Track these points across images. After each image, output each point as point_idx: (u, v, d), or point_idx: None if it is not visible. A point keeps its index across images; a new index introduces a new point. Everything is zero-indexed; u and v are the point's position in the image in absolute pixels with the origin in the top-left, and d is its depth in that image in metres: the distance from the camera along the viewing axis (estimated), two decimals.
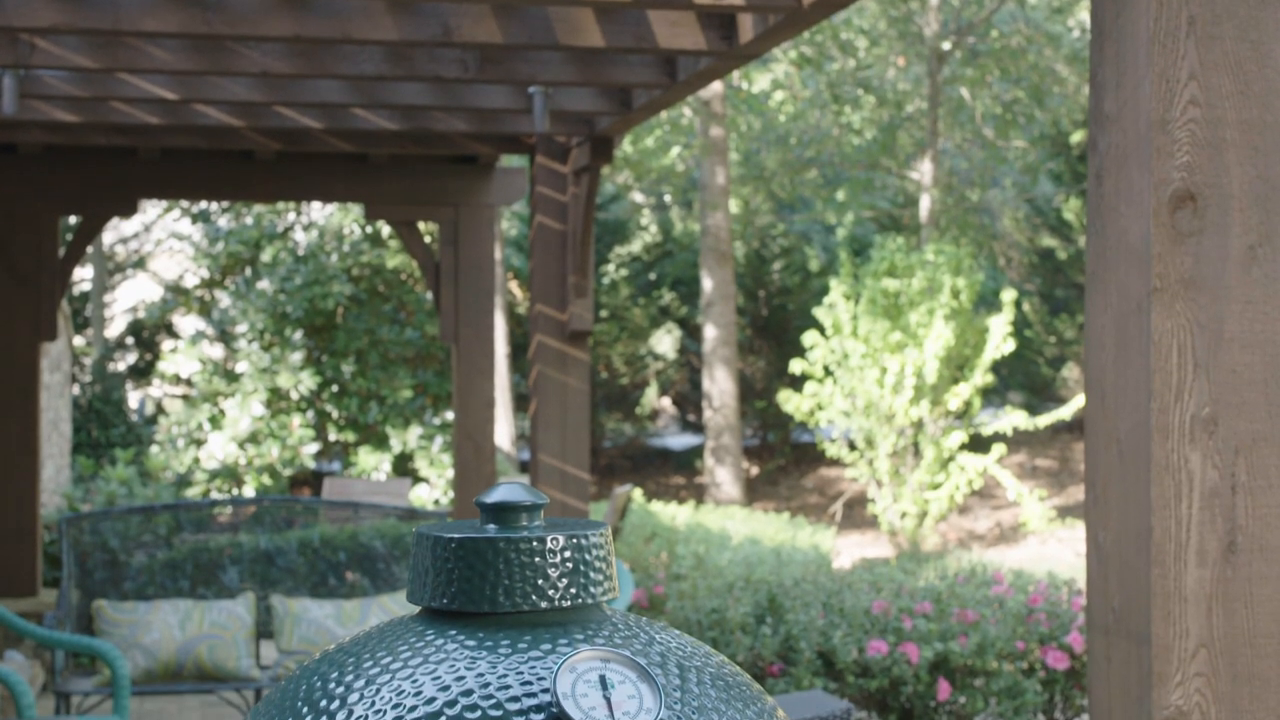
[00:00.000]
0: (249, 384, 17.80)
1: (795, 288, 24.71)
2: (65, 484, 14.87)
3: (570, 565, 1.43)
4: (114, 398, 19.09)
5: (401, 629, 1.44)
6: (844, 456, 17.20)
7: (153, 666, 7.39)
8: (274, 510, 8.94)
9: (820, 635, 7.60)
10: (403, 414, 18.32)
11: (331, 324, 18.89)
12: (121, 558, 8.21)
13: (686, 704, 1.36)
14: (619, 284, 24.43)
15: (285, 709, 1.38)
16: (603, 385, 24.64)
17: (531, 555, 1.42)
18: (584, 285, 8.49)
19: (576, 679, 1.31)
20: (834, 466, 22.87)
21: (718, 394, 20.97)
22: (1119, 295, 2.83)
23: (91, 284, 24.33)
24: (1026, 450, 23.10)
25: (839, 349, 16.54)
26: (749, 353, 24.75)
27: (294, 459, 17.48)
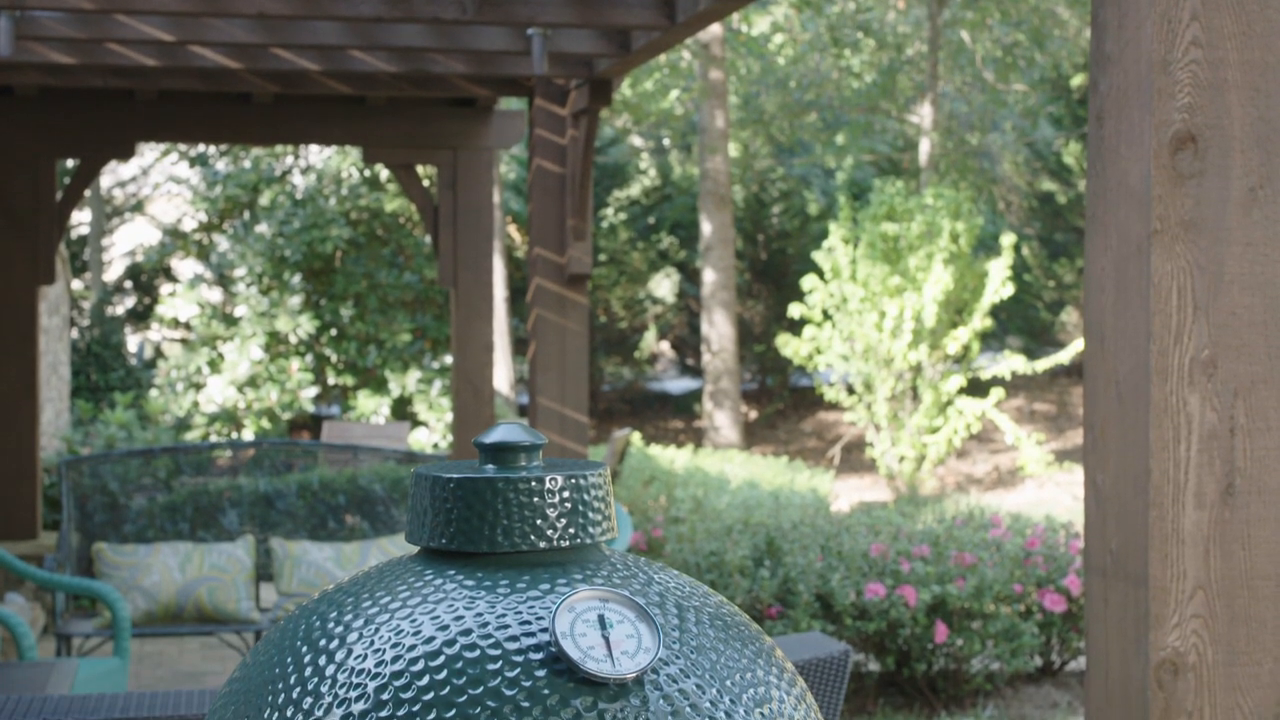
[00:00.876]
0: (247, 328, 17.79)
1: (794, 231, 24.66)
2: (65, 427, 14.88)
3: (569, 505, 1.43)
4: (113, 341, 19.08)
5: (400, 569, 1.44)
6: (842, 400, 17.21)
7: (153, 609, 7.41)
8: (273, 453, 8.95)
9: (818, 578, 7.62)
10: (401, 358, 18.32)
11: (330, 268, 18.86)
12: (121, 501, 8.23)
13: (685, 643, 1.36)
14: (618, 228, 24.39)
15: (285, 648, 1.38)
16: (601, 329, 24.63)
17: (530, 495, 1.42)
18: (583, 228, 8.48)
19: (575, 619, 1.31)
20: (832, 410, 22.89)
21: (716, 338, 20.97)
22: (1119, 238, 2.82)
23: (89, 228, 24.28)
24: (1025, 394, 23.12)
25: (838, 293, 16.53)
26: (748, 297, 24.73)
27: (293, 403, 17.49)
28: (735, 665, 1.38)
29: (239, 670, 1.45)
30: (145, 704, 2.71)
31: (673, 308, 25.72)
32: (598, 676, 1.28)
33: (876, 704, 7.97)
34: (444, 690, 1.27)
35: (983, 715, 7.86)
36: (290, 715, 1.30)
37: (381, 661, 1.30)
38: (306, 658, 1.34)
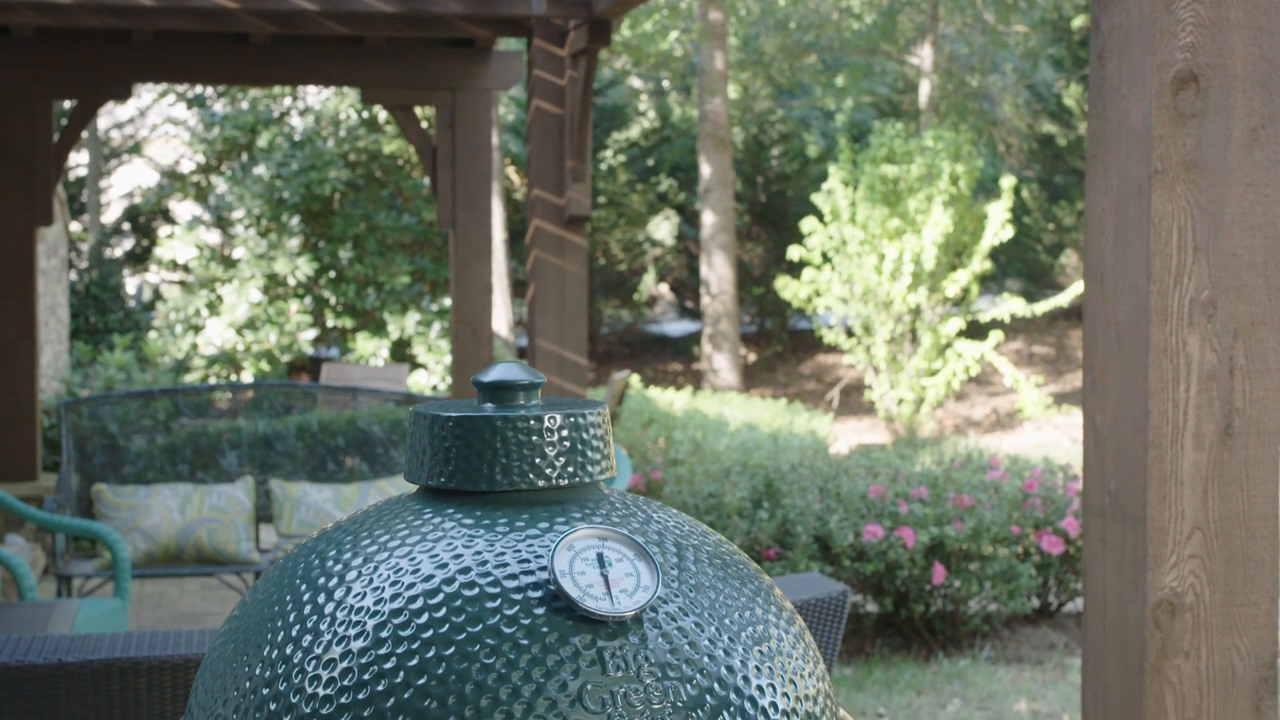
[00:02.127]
0: (246, 270, 17.77)
1: (794, 174, 24.60)
2: (64, 369, 14.88)
3: (568, 444, 1.43)
4: (111, 283, 19.06)
5: (399, 508, 1.44)
6: (841, 343, 17.22)
7: (153, 550, 7.43)
8: (272, 395, 8.96)
9: (817, 520, 7.64)
10: (400, 300, 18.31)
11: (328, 210, 18.82)
12: (120, 442, 8.24)
13: (684, 582, 1.37)
14: (617, 170, 24.33)
15: (284, 587, 1.38)
16: (600, 272, 24.61)
17: (529, 434, 1.42)
18: (582, 170, 8.45)
19: (574, 557, 1.31)
20: (831, 353, 22.90)
21: (715, 280, 20.95)
22: (1119, 178, 2.81)
23: (87, 169, 24.22)
24: (1024, 337, 23.13)
25: (837, 235, 16.51)
26: (747, 239, 24.70)
27: (292, 345, 17.49)
28: (734, 604, 1.39)
29: (238, 609, 1.45)
30: (146, 643, 2.72)
31: (672, 250, 25.69)
32: (596, 614, 1.28)
33: (874, 645, 8.01)
34: (443, 628, 1.27)
35: (980, 656, 7.89)
36: (290, 653, 1.30)
37: (380, 600, 1.30)
38: (306, 596, 1.34)
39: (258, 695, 1.30)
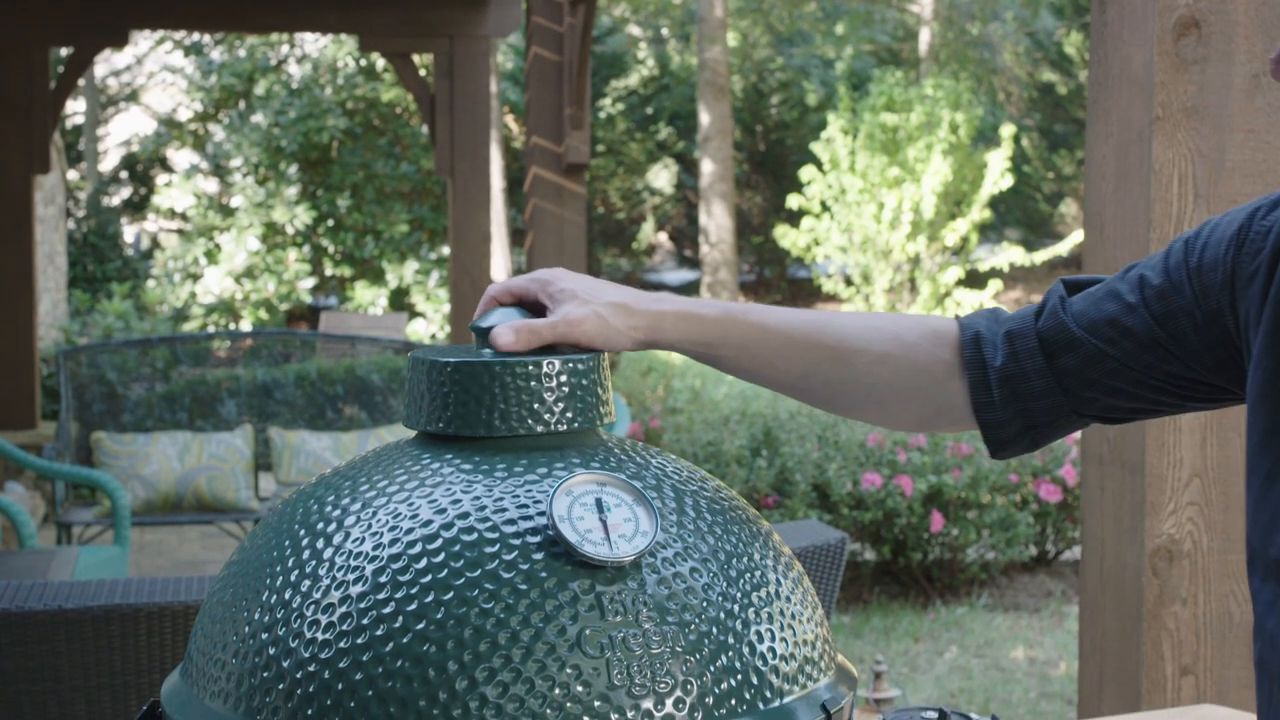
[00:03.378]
0: (244, 218, 17.73)
1: (793, 122, 24.53)
2: (62, 318, 14.87)
3: (566, 390, 1.43)
4: (109, 232, 19.02)
5: (397, 453, 1.43)
6: (840, 292, 17.20)
7: (152, 498, 7.44)
8: (271, 344, 8.95)
9: (815, 468, 7.65)
10: (399, 249, 18.28)
11: (326, 158, 18.77)
12: (119, 390, 8.23)
13: (683, 527, 1.37)
14: (615, 118, 24.25)
15: (282, 532, 1.38)
16: (599, 220, 24.56)
17: (527, 380, 1.41)
18: (580, 118, 8.42)
19: (573, 502, 1.31)
20: (830, 302, 22.88)
21: (714, 229, 20.91)
22: (1120, 125, 2.80)
23: (84, 117, 24.13)
24: (1023, 286, 23.11)
25: (836, 184, 16.47)
26: (746, 188, 24.64)
27: (290, 294, 17.47)
28: (732, 549, 1.39)
29: (237, 554, 1.45)
30: (146, 589, 2.72)
31: (670, 199, 25.64)
32: (595, 559, 1.28)
33: (872, 592, 8.03)
34: (441, 573, 1.27)
35: (977, 604, 7.92)
36: (289, 598, 1.31)
37: (379, 545, 1.30)
38: (304, 541, 1.34)
39: (257, 640, 1.30)
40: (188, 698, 1.36)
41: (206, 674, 1.35)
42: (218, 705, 1.31)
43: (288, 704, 1.25)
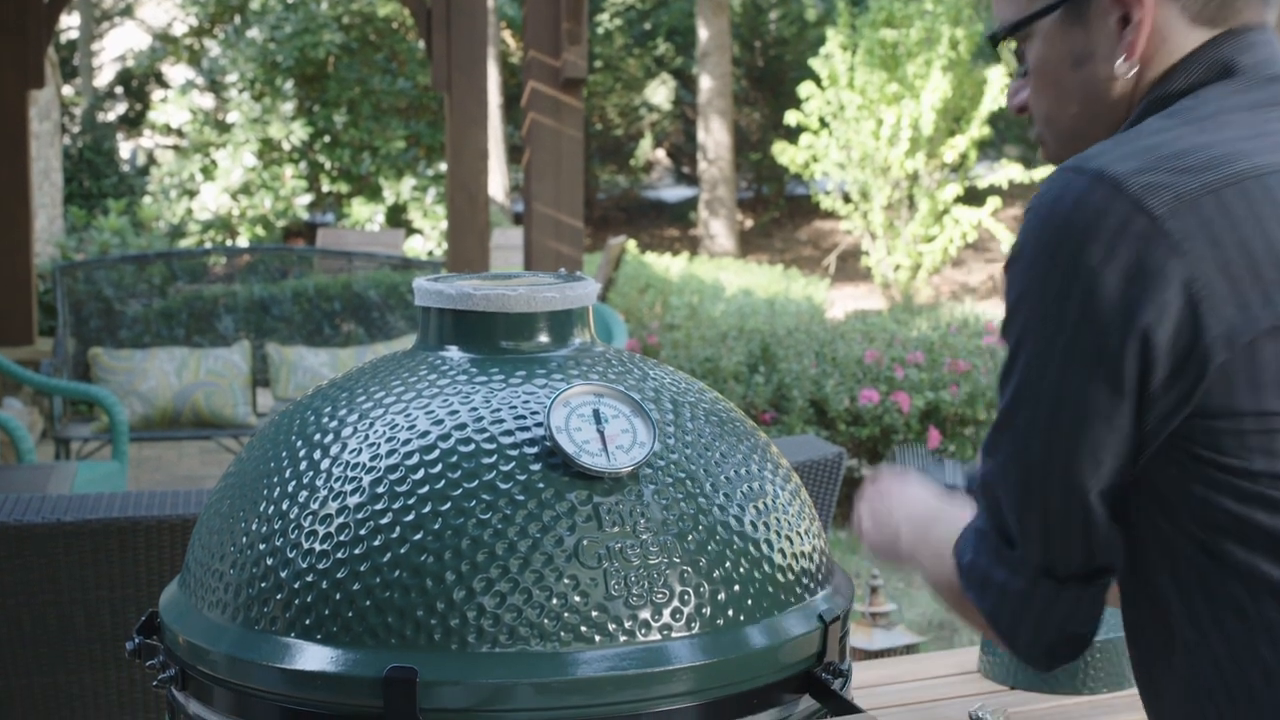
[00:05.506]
0: (240, 134, 17.65)
1: (792, 38, 24.37)
2: (58, 234, 14.82)
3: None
4: (105, 148, 18.93)
5: (394, 365, 1.43)
6: (838, 209, 17.15)
7: (150, 413, 7.45)
8: (268, 260, 8.93)
9: (812, 384, 7.65)
10: (396, 165, 18.21)
11: (323, 73, 18.66)
12: (116, 307, 8.22)
13: (680, 438, 1.36)
14: (613, 33, 24.10)
15: (280, 443, 1.38)
16: (597, 137, 24.46)
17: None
18: (578, 32, 8.36)
19: (570, 413, 1.31)
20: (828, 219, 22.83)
21: (712, 146, 20.83)
22: None
23: (78, 32, 23.96)
24: (1021, 203, 23.04)
25: (835, 100, 16.38)
26: (744, 104, 24.52)
27: (287, 210, 17.42)
28: (730, 460, 1.39)
29: (234, 465, 1.45)
30: (144, 503, 2.73)
31: (668, 115, 25.52)
32: (593, 470, 1.28)
33: None
34: (439, 484, 1.27)
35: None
36: (286, 509, 1.31)
37: (376, 455, 1.30)
38: (301, 452, 1.34)
39: (254, 551, 1.30)
40: (186, 608, 1.37)
41: (204, 585, 1.35)
42: (216, 615, 1.32)
43: (285, 614, 1.26)
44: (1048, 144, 1.56)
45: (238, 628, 1.28)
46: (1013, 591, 1.39)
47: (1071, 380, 1.32)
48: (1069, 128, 1.52)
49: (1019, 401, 1.37)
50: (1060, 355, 1.32)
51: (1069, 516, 1.36)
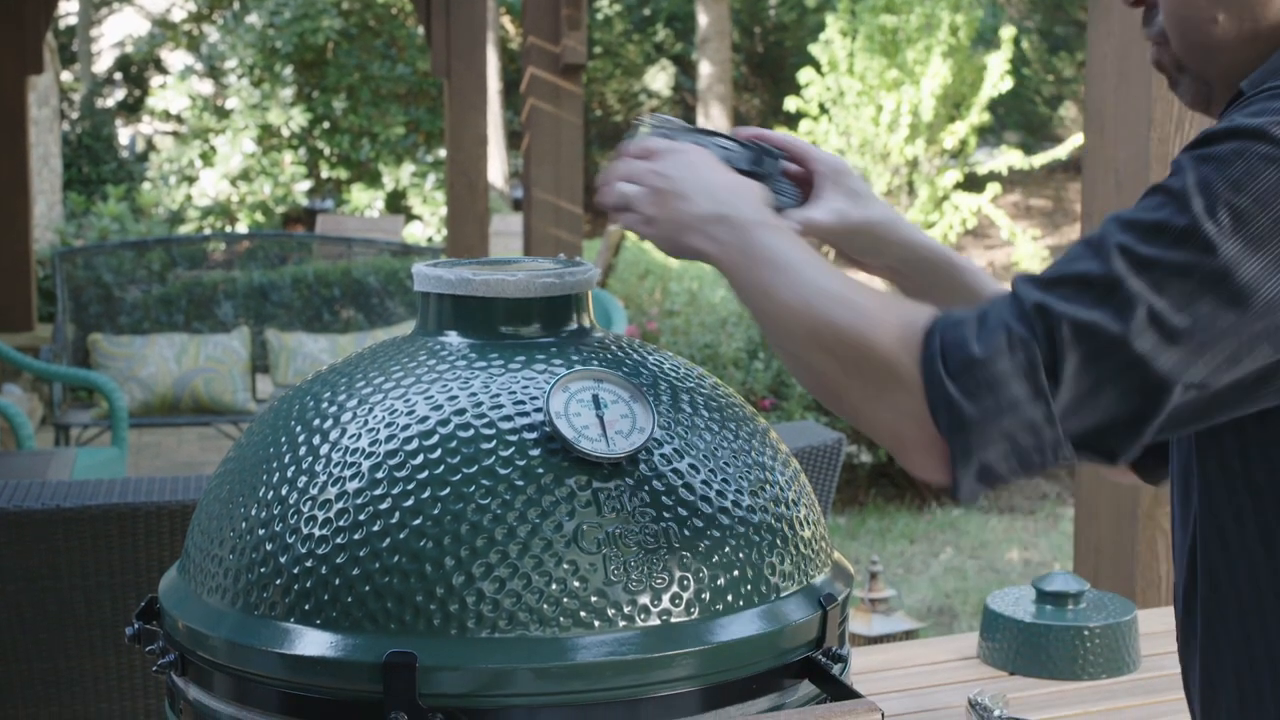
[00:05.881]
0: (239, 120, 17.64)
1: (791, 24, 24.34)
2: (57, 220, 14.82)
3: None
4: (104, 134, 18.92)
5: (394, 350, 1.43)
6: None
7: (150, 399, 7.45)
8: (268, 246, 8.93)
9: None
10: (395, 151, 18.19)
11: (322, 59, 18.64)
12: (116, 293, 8.22)
13: (679, 424, 1.36)
14: (612, 19, 24.07)
15: (279, 428, 1.38)
16: (596, 123, 24.44)
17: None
18: (577, 17, 8.35)
19: (569, 399, 1.31)
20: None
21: None
22: (1122, 23, 2.78)
23: (77, 17, 23.92)
24: (1021, 190, 23.02)
25: (835, 86, 16.36)
26: (744, 90, 24.50)
27: (286, 196, 17.41)
28: (729, 446, 1.39)
29: (234, 450, 1.45)
30: (144, 489, 2.73)
31: (668, 101, 25.49)
32: (592, 456, 1.28)
33: (868, 494, 8.06)
34: (438, 469, 1.27)
35: (973, 505, 7.95)
36: (285, 494, 1.31)
37: (376, 440, 1.30)
38: (301, 437, 1.34)
39: (254, 536, 1.30)
40: (185, 594, 1.37)
41: (204, 570, 1.35)
42: (215, 600, 1.32)
43: (285, 599, 1.26)
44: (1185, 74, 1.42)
45: (237, 613, 1.29)
46: (1024, 416, 1.20)
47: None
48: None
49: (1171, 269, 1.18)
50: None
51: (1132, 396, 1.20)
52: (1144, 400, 1.19)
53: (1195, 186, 1.18)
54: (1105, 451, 1.22)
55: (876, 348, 1.24)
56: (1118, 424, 1.20)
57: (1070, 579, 2.25)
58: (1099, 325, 1.18)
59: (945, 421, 1.20)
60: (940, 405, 1.21)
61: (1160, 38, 1.41)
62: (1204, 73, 1.39)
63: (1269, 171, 1.16)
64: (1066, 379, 1.19)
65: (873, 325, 1.25)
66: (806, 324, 1.28)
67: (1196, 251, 1.16)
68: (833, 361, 1.27)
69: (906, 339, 1.24)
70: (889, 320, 1.25)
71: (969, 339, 1.21)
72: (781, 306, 1.30)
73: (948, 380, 1.20)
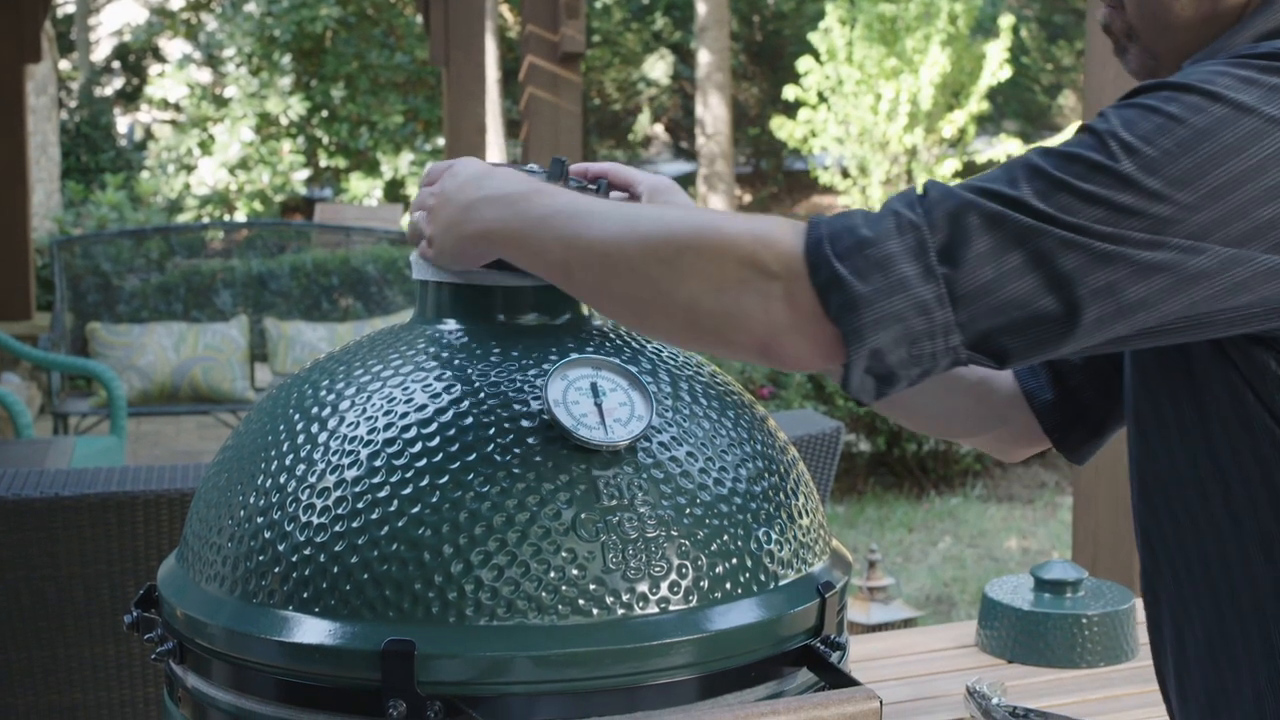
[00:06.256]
0: (238, 109, 17.63)
1: (790, 12, 24.32)
2: (56, 208, 14.81)
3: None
4: (102, 122, 18.90)
5: (392, 338, 1.43)
6: (837, 184, 17.13)
7: (148, 388, 7.45)
8: (266, 235, 8.93)
9: None
10: (394, 140, 18.18)
11: (320, 48, 18.62)
12: (114, 281, 8.22)
13: (678, 411, 1.36)
14: (611, 8, 24.04)
15: (276, 417, 1.38)
16: (595, 112, 24.42)
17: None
18: (576, 6, 8.34)
19: (568, 386, 1.31)
20: (827, 194, 22.81)
21: (711, 120, 20.79)
22: None
23: (75, 6, 23.90)
24: None
25: (834, 75, 16.35)
26: (743, 79, 24.48)
27: (285, 185, 17.40)
28: (727, 434, 1.38)
29: (232, 438, 1.45)
30: (143, 477, 2.73)
31: (667, 90, 25.47)
32: (590, 444, 1.28)
33: (867, 483, 8.06)
34: (437, 457, 1.27)
35: (971, 494, 7.96)
36: (284, 482, 1.31)
37: (374, 429, 1.30)
38: (299, 425, 1.34)
39: (252, 524, 1.30)
40: (184, 582, 1.37)
41: (202, 558, 1.35)
42: (213, 589, 1.32)
43: (283, 587, 1.26)
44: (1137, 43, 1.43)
45: (235, 601, 1.29)
46: (915, 295, 1.16)
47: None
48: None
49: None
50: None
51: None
52: (1042, 300, 1.17)
53: (1118, 125, 1.18)
54: (997, 352, 1.19)
55: (732, 241, 1.20)
56: (1014, 322, 1.17)
57: (1068, 567, 2.25)
58: (1007, 215, 1.16)
59: (836, 301, 1.17)
60: (830, 285, 1.17)
61: (1115, 0, 1.42)
62: (1154, 46, 1.40)
63: (1194, 119, 1.17)
64: (966, 264, 1.16)
65: (716, 224, 1.22)
66: (634, 245, 1.23)
67: (1109, 185, 1.16)
68: (670, 271, 1.21)
69: (762, 230, 1.21)
70: (729, 218, 1.23)
71: (858, 224, 1.19)
72: (594, 243, 1.25)
73: (836, 260, 1.17)
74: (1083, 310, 1.16)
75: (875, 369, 1.18)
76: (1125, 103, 1.21)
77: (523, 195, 1.32)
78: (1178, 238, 1.15)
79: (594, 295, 1.27)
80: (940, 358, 1.18)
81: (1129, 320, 1.17)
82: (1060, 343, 1.18)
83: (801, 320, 1.19)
